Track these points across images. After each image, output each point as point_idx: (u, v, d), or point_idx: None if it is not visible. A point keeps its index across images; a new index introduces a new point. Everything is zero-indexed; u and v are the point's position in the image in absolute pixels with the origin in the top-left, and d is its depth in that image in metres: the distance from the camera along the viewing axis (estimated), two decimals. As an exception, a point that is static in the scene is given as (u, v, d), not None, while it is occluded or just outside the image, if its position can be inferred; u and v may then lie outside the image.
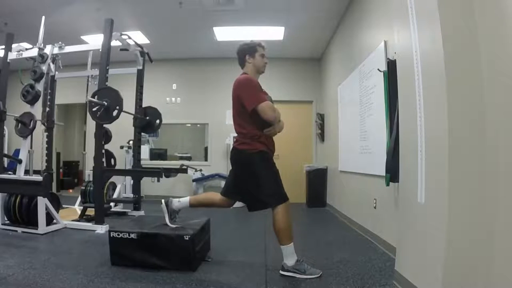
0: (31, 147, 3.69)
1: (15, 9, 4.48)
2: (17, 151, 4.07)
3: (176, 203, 2.56)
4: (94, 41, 5.09)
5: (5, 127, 3.98)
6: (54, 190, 5.80)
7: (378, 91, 3.07)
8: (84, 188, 4.69)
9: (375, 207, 3.27)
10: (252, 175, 2.26)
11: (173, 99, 6.81)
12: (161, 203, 2.59)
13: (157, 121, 4.78)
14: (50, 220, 3.50)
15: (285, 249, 2.26)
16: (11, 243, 2.97)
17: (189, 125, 7.60)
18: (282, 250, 2.27)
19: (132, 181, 4.92)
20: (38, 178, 3.45)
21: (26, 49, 3.97)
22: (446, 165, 1.60)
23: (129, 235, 2.42)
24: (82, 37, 5.38)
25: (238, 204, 2.59)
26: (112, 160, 5.01)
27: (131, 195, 4.89)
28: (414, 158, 1.91)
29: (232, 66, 7.07)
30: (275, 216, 2.22)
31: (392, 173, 2.49)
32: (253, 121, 2.27)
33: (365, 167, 3.58)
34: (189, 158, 7.11)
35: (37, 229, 3.30)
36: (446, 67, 1.62)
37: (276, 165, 2.34)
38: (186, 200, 2.55)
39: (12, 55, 3.94)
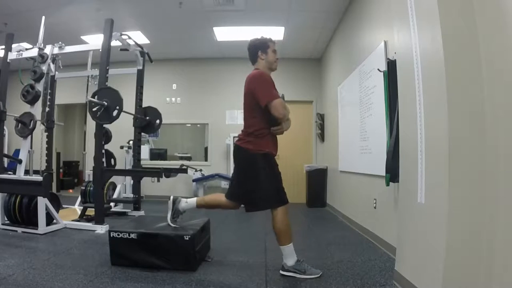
0: (31, 147, 3.69)
1: (15, 9, 4.48)
2: (17, 151, 4.07)
3: (183, 203, 2.53)
4: (94, 41, 5.10)
5: (5, 127, 3.98)
6: (54, 190, 5.81)
7: (378, 91, 3.07)
8: (84, 188, 4.69)
9: (375, 207, 3.27)
10: (253, 176, 2.25)
11: (173, 99, 6.81)
12: (169, 199, 2.58)
13: (157, 121, 4.78)
14: (50, 220, 3.50)
15: (285, 249, 2.26)
16: (11, 243, 2.96)
17: (189, 125, 7.60)
18: (282, 250, 2.27)
19: (132, 181, 4.92)
20: (38, 178, 3.45)
21: (26, 49, 3.97)
22: (446, 165, 1.60)
23: (129, 235, 2.42)
24: (82, 37, 5.38)
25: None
26: (112, 160, 5.00)
27: (131, 195, 4.89)
28: (414, 158, 1.91)
29: (232, 66, 7.14)
30: (274, 218, 2.24)
31: (392, 173, 2.49)
32: (263, 118, 2.25)
33: (365, 167, 3.58)
34: (189, 158, 7.11)
35: (37, 229, 3.30)
36: (446, 67, 1.62)
37: (278, 166, 2.34)
38: (193, 201, 2.52)
39: (12, 55, 3.94)
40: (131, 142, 5.17)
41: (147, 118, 4.71)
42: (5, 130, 4.07)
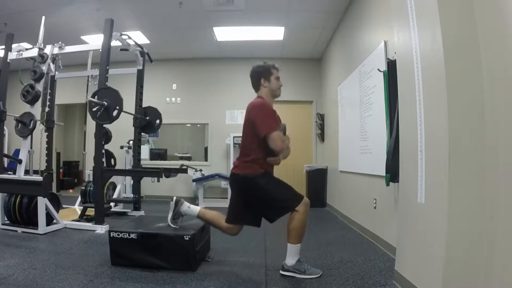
0: (31, 147, 3.69)
1: (15, 9, 4.48)
2: (17, 151, 4.07)
3: (185, 207, 2.53)
4: (94, 41, 5.10)
5: (5, 127, 3.98)
6: (54, 190, 5.81)
7: (378, 91, 3.07)
8: (84, 188, 4.70)
9: (375, 207, 3.27)
10: (262, 194, 2.26)
11: (173, 99, 6.81)
12: (172, 200, 2.57)
13: (157, 121, 4.79)
14: (50, 220, 3.50)
15: (292, 248, 2.25)
16: (11, 243, 2.97)
17: (189, 125, 7.60)
18: (288, 248, 2.26)
19: (132, 181, 4.92)
20: (38, 178, 3.45)
21: (26, 49, 3.97)
22: (446, 165, 1.60)
23: (129, 235, 2.42)
24: (82, 37, 5.38)
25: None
26: (112, 160, 5.01)
27: (131, 195, 4.89)
28: (414, 158, 1.91)
29: (232, 66, 7.16)
30: (294, 215, 2.21)
31: (392, 173, 2.49)
32: (261, 146, 2.25)
33: (365, 167, 3.58)
34: (189, 158, 7.11)
35: (37, 229, 3.30)
36: (446, 67, 1.62)
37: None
38: (195, 209, 2.51)
39: (12, 55, 3.94)
40: (131, 142, 5.17)
41: (147, 118, 4.71)
42: (5, 130, 4.08)
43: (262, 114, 2.24)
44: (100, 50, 3.79)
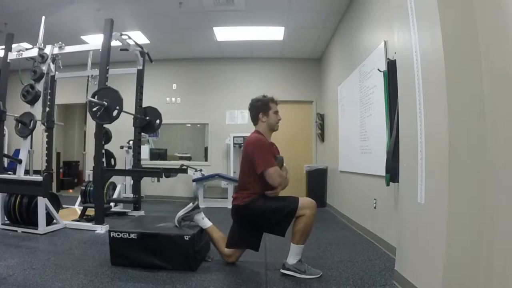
0: (31, 147, 3.69)
1: (15, 9, 4.48)
2: (17, 151, 4.07)
3: (200, 216, 2.56)
4: (94, 41, 5.10)
5: (5, 127, 3.98)
6: (54, 190, 5.81)
7: (378, 91, 3.07)
8: (84, 188, 4.70)
9: (375, 207, 3.27)
10: (264, 213, 2.28)
11: (173, 99, 6.81)
12: (192, 203, 2.62)
13: (157, 121, 4.78)
14: (50, 220, 3.50)
15: (295, 248, 2.26)
16: (11, 243, 2.96)
17: (189, 125, 7.60)
18: (291, 248, 2.27)
19: (132, 181, 4.92)
20: (38, 178, 3.45)
21: (26, 49, 3.97)
22: (446, 165, 1.60)
23: (129, 235, 2.42)
24: (82, 37, 5.38)
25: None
26: (112, 160, 5.01)
27: (131, 195, 4.89)
28: (414, 158, 1.91)
29: (232, 66, 7.15)
30: (301, 218, 2.23)
31: (392, 173, 2.49)
32: (259, 180, 2.31)
33: (365, 167, 3.58)
34: (189, 158, 7.11)
35: (37, 229, 3.30)
36: (446, 67, 1.62)
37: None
38: (207, 223, 2.55)
39: (12, 55, 3.94)
40: (131, 142, 5.17)
41: (147, 118, 4.71)
42: (5, 130, 4.07)
43: (259, 150, 2.29)
44: (100, 50, 3.79)
